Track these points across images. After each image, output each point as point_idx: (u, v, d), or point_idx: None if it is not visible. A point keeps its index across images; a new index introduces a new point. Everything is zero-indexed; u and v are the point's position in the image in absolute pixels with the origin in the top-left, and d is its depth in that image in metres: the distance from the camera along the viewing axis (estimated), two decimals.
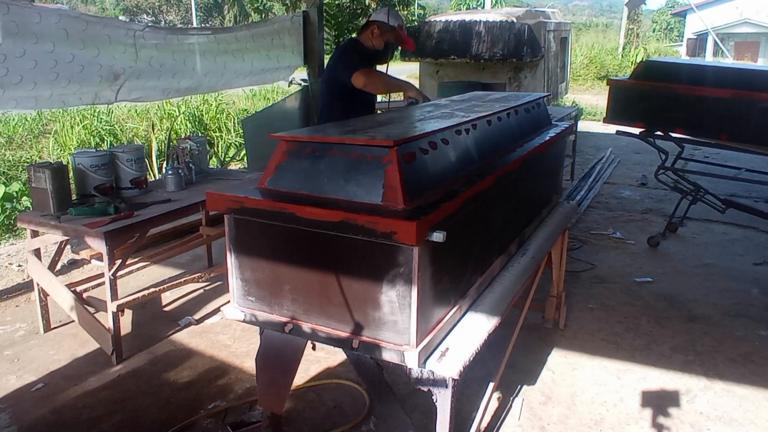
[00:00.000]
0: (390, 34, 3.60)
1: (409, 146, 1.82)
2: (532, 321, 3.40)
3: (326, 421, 2.59)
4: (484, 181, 2.04)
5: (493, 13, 7.75)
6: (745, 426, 2.61)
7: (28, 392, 2.83)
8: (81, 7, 32.40)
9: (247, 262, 1.92)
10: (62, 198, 3.14)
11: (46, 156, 7.67)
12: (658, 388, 2.86)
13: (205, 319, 3.58)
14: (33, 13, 3.19)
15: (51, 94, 3.46)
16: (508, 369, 2.67)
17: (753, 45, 29.75)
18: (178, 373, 2.99)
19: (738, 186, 5.98)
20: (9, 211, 5.29)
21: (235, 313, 1.97)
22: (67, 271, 4.27)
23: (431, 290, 1.74)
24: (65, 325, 3.46)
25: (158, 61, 4.03)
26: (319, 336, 1.84)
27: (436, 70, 7.97)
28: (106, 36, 3.63)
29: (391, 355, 1.71)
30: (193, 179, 3.79)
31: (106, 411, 2.68)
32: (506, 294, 2.20)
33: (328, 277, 1.77)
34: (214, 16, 34.81)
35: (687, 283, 4.09)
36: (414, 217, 1.58)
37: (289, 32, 5.08)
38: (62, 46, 3.37)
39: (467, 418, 2.36)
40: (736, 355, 3.17)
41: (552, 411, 2.70)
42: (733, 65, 8.84)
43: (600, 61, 19.79)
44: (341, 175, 1.79)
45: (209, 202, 1.93)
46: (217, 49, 4.51)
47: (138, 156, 3.52)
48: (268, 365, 2.08)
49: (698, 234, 5.10)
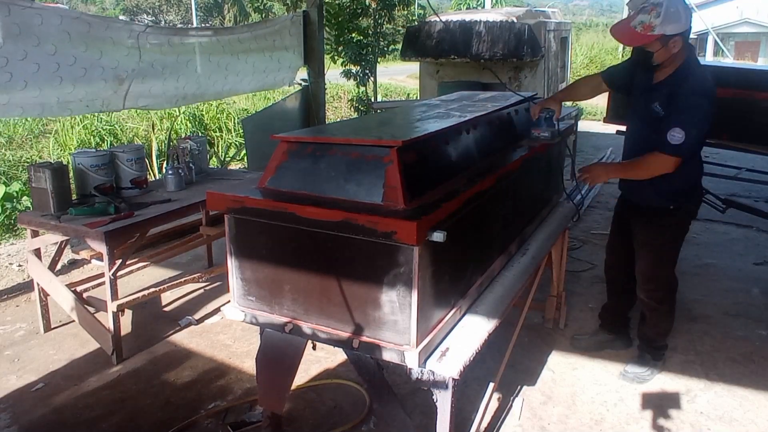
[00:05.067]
0: None
1: (410, 146, 1.82)
2: (532, 321, 3.40)
3: (326, 421, 2.59)
4: (484, 181, 2.04)
5: (493, 13, 7.75)
6: (745, 426, 2.61)
7: (29, 392, 2.83)
8: (81, 6, 32.35)
9: (247, 262, 1.92)
10: (62, 198, 3.14)
11: (46, 156, 7.67)
12: (658, 388, 2.86)
13: (205, 319, 3.58)
14: (34, 14, 3.17)
15: (57, 101, 3.42)
16: (508, 369, 2.67)
17: (753, 45, 29.72)
18: (179, 373, 2.99)
19: (738, 186, 5.98)
20: (9, 211, 5.29)
21: (235, 313, 1.97)
22: (67, 271, 4.27)
23: (431, 290, 1.74)
24: (65, 325, 3.46)
25: (161, 63, 4.02)
26: (319, 336, 1.84)
27: (436, 69, 7.96)
28: (108, 37, 3.61)
29: (392, 355, 1.71)
30: (193, 179, 3.79)
31: (106, 411, 2.68)
32: (506, 294, 2.20)
33: (328, 277, 1.77)
34: (214, 16, 34.80)
35: (687, 282, 4.08)
36: (414, 217, 1.58)
37: (290, 32, 5.08)
38: (64, 48, 3.35)
39: (467, 418, 2.36)
40: (736, 355, 3.17)
41: (552, 411, 2.69)
42: (733, 65, 8.84)
43: (600, 61, 19.77)
44: (342, 175, 1.79)
45: (209, 201, 1.93)
46: (218, 49, 4.51)
47: (138, 156, 3.52)
48: (268, 365, 2.08)
49: (698, 234, 5.10)
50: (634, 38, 2.44)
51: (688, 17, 2.38)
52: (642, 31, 2.38)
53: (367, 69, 9.63)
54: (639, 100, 2.68)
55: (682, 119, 2.39)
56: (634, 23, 2.41)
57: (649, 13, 2.36)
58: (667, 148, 2.43)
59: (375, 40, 9.78)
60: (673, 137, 2.38)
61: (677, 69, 2.49)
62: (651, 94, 2.56)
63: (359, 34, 9.65)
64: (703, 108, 2.40)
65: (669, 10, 2.33)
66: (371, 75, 9.88)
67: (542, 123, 2.78)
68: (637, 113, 2.70)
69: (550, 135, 2.77)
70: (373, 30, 9.81)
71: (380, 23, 9.97)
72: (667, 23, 2.34)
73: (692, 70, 2.48)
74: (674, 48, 2.41)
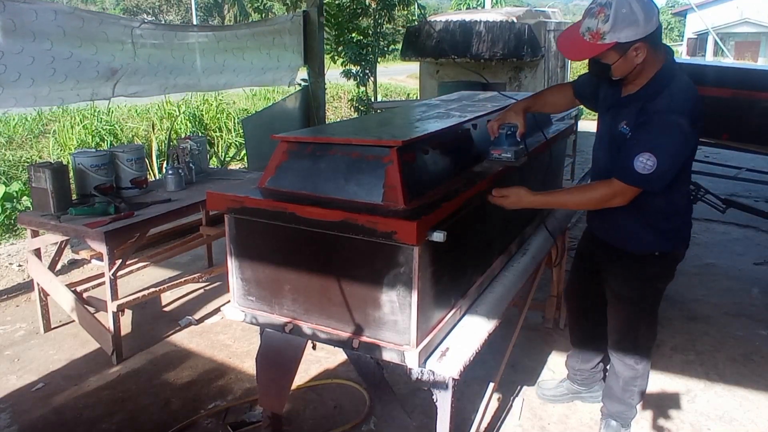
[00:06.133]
0: None
1: (410, 146, 1.82)
2: (532, 321, 3.40)
3: (326, 421, 2.59)
4: (484, 180, 2.04)
5: (494, 13, 7.76)
6: (745, 426, 2.61)
7: (29, 392, 2.83)
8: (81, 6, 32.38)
9: (247, 261, 1.92)
10: (62, 198, 3.14)
11: (46, 156, 7.67)
12: (658, 388, 2.86)
13: (205, 319, 3.58)
14: (29, 10, 3.20)
15: (49, 92, 3.46)
16: (508, 369, 2.67)
17: (753, 44, 29.74)
18: (178, 373, 2.99)
19: (738, 185, 5.98)
20: (9, 211, 5.29)
21: (235, 313, 1.97)
22: (67, 271, 4.27)
23: (431, 290, 1.74)
24: (65, 325, 3.46)
25: (156, 59, 4.04)
26: (319, 336, 1.84)
27: (436, 69, 7.97)
28: (103, 33, 3.63)
29: (392, 355, 1.71)
30: (193, 179, 3.79)
31: (106, 411, 2.68)
32: (506, 294, 2.20)
33: (328, 277, 1.77)
34: (214, 16, 34.81)
35: (687, 282, 4.08)
36: (414, 217, 1.58)
37: (290, 32, 5.08)
38: (60, 43, 3.38)
39: (468, 418, 2.36)
40: (736, 355, 3.17)
41: (552, 411, 2.69)
42: (733, 65, 8.84)
43: None
44: (342, 175, 1.79)
45: (209, 201, 1.93)
46: (216, 47, 4.51)
47: (138, 156, 3.52)
48: (268, 365, 2.08)
49: (698, 233, 5.10)
50: (582, 50, 1.92)
51: (650, 16, 1.83)
52: (590, 40, 1.88)
53: (367, 69, 9.64)
54: (605, 118, 2.16)
55: (654, 143, 1.87)
56: (582, 30, 1.90)
57: (596, 16, 1.85)
58: (629, 176, 1.91)
59: (375, 40, 9.78)
60: (642, 164, 1.86)
61: (650, 81, 1.97)
62: (619, 111, 2.06)
63: (359, 34, 9.66)
64: (682, 129, 1.87)
65: (620, 11, 1.81)
66: (371, 75, 9.88)
67: (503, 141, 2.23)
68: (603, 135, 2.17)
69: (513, 156, 2.21)
70: (373, 30, 9.81)
71: (380, 23, 9.97)
72: (620, 28, 1.82)
73: (668, 81, 1.94)
74: (637, 57, 1.89)
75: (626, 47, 1.87)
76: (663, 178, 1.91)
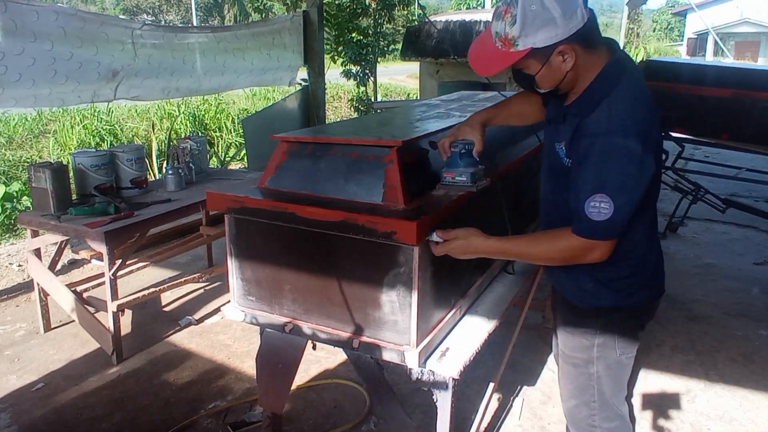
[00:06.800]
0: None
1: (410, 146, 1.82)
2: (532, 321, 3.39)
3: (326, 421, 2.59)
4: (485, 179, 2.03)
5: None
6: (745, 426, 2.61)
7: (29, 392, 2.83)
8: (81, 6, 32.42)
9: (247, 262, 1.92)
10: (62, 198, 3.14)
11: (46, 156, 7.68)
12: (658, 388, 2.86)
13: (205, 319, 3.58)
14: (31, 11, 3.20)
15: (50, 92, 3.47)
16: (508, 369, 2.67)
17: (753, 44, 29.77)
18: (178, 373, 2.99)
19: (738, 185, 5.98)
20: (9, 211, 5.29)
21: (235, 313, 1.97)
22: (67, 271, 4.27)
23: (431, 290, 1.74)
24: (65, 325, 3.46)
25: (157, 59, 4.04)
26: (319, 336, 1.84)
27: (436, 69, 7.97)
28: (103, 34, 3.64)
29: (392, 355, 1.71)
30: (193, 179, 3.79)
31: (106, 411, 2.68)
32: (506, 294, 2.20)
33: (328, 277, 1.77)
34: (214, 16, 34.83)
35: (687, 282, 4.09)
36: (414, 217, 1.58)
37: (290, 32, 5.09)
38: (60, 44, 3.39)
39: (468, 418, 2.37)
40: (736, 355, 3.17)
41: (552, 411, 2.69)
42: (733, 65, 8.84)
43: None
44: (342, 175, 1.79)
45: (209, 201, 1.93)
46: (216, 48, 4.52)
47: (138, 156, 3.52)
48: (268, 365, 2.08)
49: (698, 233, 5.10)
50: (492, 61, 1.51)
51: (570, 11, 1.42)
52: (502, 47, 1.48)
53: (367, 69, 9.65)
54: (546, 134, 1.73)
55: (602, 178, 1.43)
56: (493, 35, 1.50)
57: (503, 18, 1.46)
58: (585, 230, 1.47)
59: (375, 40, 9.79)
60: (596, 210, 1.42)
61: (587, 89, 1.52)
62: (557, 127, 1.63)
63: (359, 34, 9.67)
64: (631, 155, 1.41)
65: (528, 9, 1.41)
66: (371, 75, 9.90)
67: (457, 162, 1.82)
68: (544, 157, 1.74)
69: (469, 179, 1.80)
70: (373, 30, 9.82)
71: (380, 23, 9.98)
72: (532, 31, 1.42)
73: (610, 87, 1.48)
74: (565, 63, 1.47)
75: (547, 52, 1.45)
76: (625, 222, 1.47)
